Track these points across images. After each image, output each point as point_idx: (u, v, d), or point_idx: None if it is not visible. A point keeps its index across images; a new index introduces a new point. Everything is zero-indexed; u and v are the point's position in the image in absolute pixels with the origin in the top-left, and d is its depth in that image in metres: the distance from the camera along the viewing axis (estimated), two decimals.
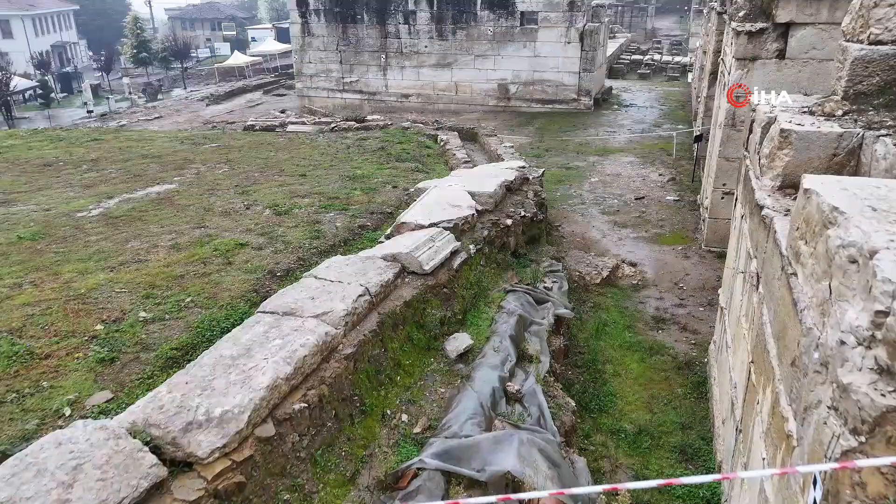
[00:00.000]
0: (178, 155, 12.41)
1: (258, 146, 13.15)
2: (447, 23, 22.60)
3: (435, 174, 10.97)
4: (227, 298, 5.85)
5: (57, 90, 50.45)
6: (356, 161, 11.51)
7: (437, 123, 15.56)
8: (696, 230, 10.71)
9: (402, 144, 12.87)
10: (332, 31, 24.01)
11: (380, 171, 10.74)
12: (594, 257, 9.41)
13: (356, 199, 8.98)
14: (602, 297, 8.45)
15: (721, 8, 13.82)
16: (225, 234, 7.54)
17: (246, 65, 49.77)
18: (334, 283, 5.16)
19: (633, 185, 13.44)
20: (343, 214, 8.24)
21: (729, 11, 9.68)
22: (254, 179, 10.29)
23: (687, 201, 12.22)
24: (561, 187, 13.22)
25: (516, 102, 22.78)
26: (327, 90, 24.92)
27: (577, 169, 14.92)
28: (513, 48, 22.21)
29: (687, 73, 35.65)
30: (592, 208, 11.94)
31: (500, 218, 7.39)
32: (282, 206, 8.59)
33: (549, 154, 16.45)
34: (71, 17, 75.95)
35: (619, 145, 17.40)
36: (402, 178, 10.19)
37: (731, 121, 9.11)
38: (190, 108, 30.88)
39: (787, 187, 4.65)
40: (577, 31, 21.40)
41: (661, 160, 15.62)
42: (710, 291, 8.57)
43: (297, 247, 7.09)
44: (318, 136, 14.38)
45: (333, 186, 9.63)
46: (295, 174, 10.60)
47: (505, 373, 5.22)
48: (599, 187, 13.27)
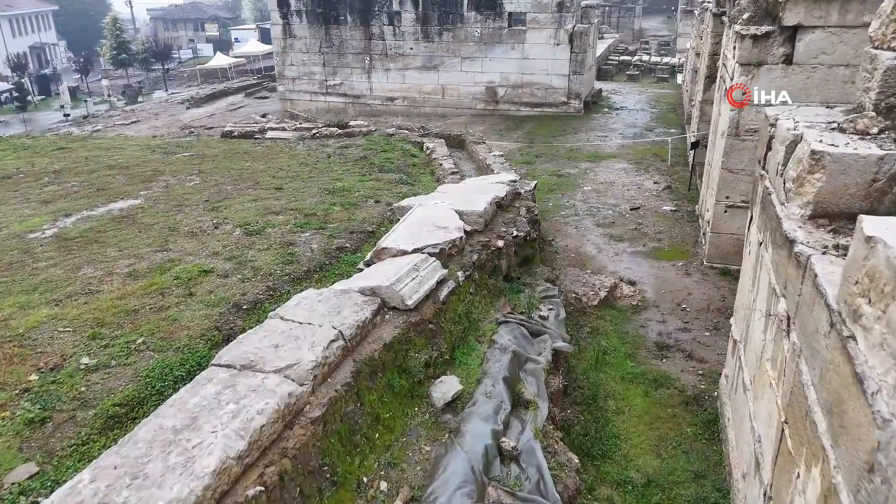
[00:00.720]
0: (148, 165, 11.69)
1: (234, 155, 12.45)
2: (433, 24, 21.98)
3: (420, 186, 10.35)
4: (184, 339, 5.19)
5: (34, 93, 49.26)
6: (337, 172, 10.86)
7: (422, 129, 14.93)
8: (697, 244, 10.16)
9: (385, 153, 12.23)
10: (315, 33, 23.30)
11: (361, 183, 10.09)
12: (591, 275, 8.82)
13: (335, 215, 8.33)
14: (600, 321, 7.86)
15: (717, 9, 13.31)
16: (189, 258, 6.87)
17: (229, 66, 48.81)
18: (303, 325, 4.51)
19: (628, 194, 12.88)
20: (320, 234, 7.59)
21: (731, 14, 9.14)
22: (226, 193, 9.60)
23: (684, 211, 11.68)
24: (553, 197, 12.64)
25: (505, 106, 22.20)
26: (310, 93, 24.20)
27: (568, 177, 14.35)
28: (501, 50, 21.63)
29: (676, 75, 35.35)
30: (587, 220, 11.37)
31: (491, 239, 6.78)
32: (253, 224, 7.93)
33: (539, 160, 15.88)
34: (50, 18, 74.47)
35: (611, 151, 16.86)
36: (385, 192, 9.55)
37: (735, 130, 8.56)
38: (169, 112, 30.02)
39: (819, 217, 4.07)
40: (567, 33, 20.85)
41: (655, 167, 15.10)
42: (714, 313, 8.01)
43: (268, 274, 6.43)
44: (298, 144, 13.71)
45: (311, 201, 8.98)
46: (270, 187, 9.93)
47: (499, 425, 4.60)
48: (593, 197, 12.71)
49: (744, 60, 8.26)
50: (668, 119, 20.83)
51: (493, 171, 10.34)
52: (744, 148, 8.62)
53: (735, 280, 8.91)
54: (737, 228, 9.02)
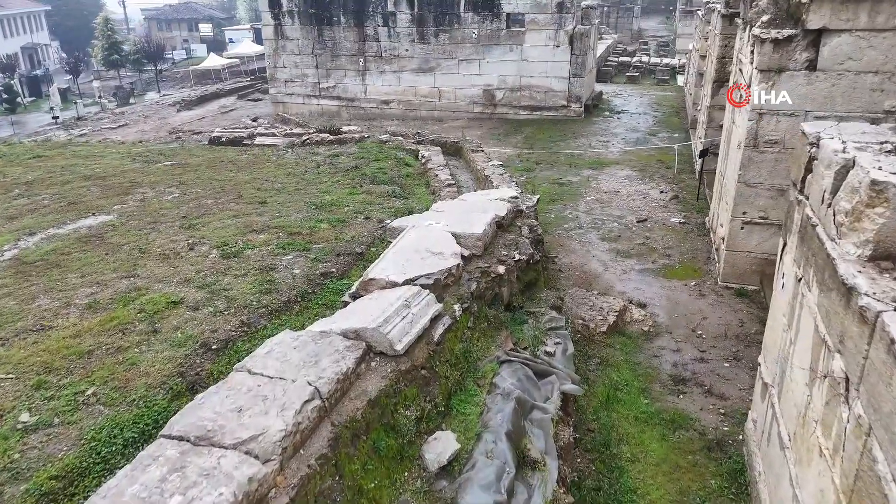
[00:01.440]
0: (126, 176, 11.03)
1: (218, 164, 11.80)
2: (429, 25, 21.34)
3: (414, 199, 9.71)
4: (141, 388, 4.54)
5: (24, 94, 48.45)
6: (326, 183, 10.22)
7: (417, 136, 14.29)
8: (709, 260, 9.54)
9: (378, 162, 11.59)
10: (308, 34, 22.64)
11: (352, 196, 9.46)
12: (598, 297, 8.19)
13: (321, 234, 7.69)
14: (610, 350, 7.23)
15: (727, 10, 12.70)
16: (157, 286, 6.22)
17: (222, 67, 48.08)
18: (274, 380, 3.87)
19: (634, 204, 12.26)
20: (304, 257, 6.94)
21: (747, 15, 8.53)
22: (206, 208, 8.95)
23: (694, 224, 11.06)
24: (555, 208, 12.01)
25: (503, 109, 21.57)
26: (303, 96, 23.53)
27: (570, 185, 13.73)
28: (499, 52, 21.00)
29: (676, 76, 34.82)
30: (591, 233, 10.74)
31: (491, 265, 6.15)
32: (232, 245, 7.28)
33: (539, 168, 15.25)
34: (42, 18, 73.62)
35: (614, 157, 16.25)
36: (376, 207, 8.91)
37: (754, 141, 7.94)
38: (159, 115, 29.32)
39: (881, 258, 3.45)
40: (567, 34, 20.23)
41: (660, 174, 14.48)
42: (733, 340, 7.39)
43: (243, 305, 5.79)
44: (287, 152, 13.06)
45: (296, 217, 8.33)
46: (254, 201, 9.28)
47: (502, 494, 3.97)
48: (597, 207, 12.08)
49: (763, 66, 7.64)
50: (671, 123, 20.22)
51: (492, 182, 9.70)
52: (763, 160, 8.01)
53: (753, 302, 8.30)
54: (754, 246, 8.40)
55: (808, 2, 7.30)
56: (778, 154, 7.92)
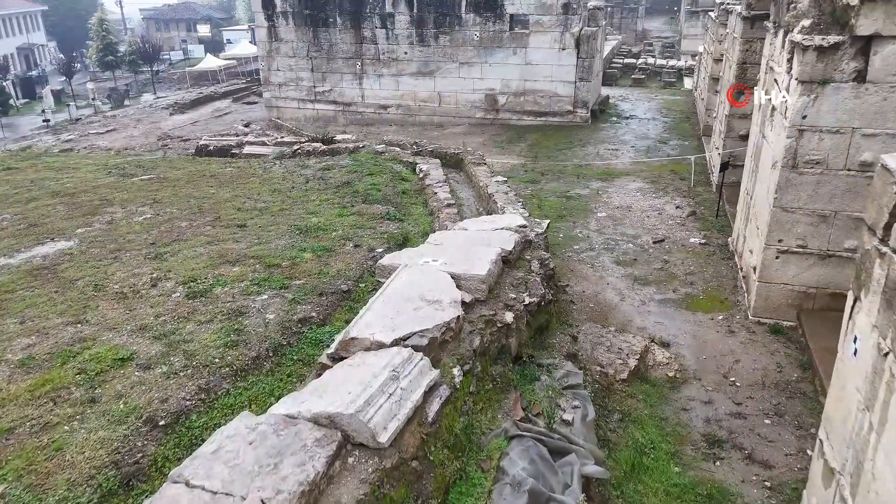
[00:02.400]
0: (98, 192, 10.15)
1: (198, 179, 10.91)
2: (429, 27, 20.44)
3: (411, 221, 8.81)
4: (63, 485, 3.65)
5: (18, 96, 47.61)
6: (313, 202, 9.33)
7: (415, 146, 13.40)
8: (736, 289, 8.64)
9: (372, 177, 10.69)
10: (303, 36, 21.75)
11: (341, 218, 8.56)
12: (615, 335, 7.29)
13: (304, 266, 6.80)
14: (632, 401, 6.33)
15: (748, 12, 11.80)
16: (107, 335, 5.33)
17: (219, 68, 47.19)
18: (217, 497, 2.98)
19: (649, 221, 11.35)
20: (281, 297, 6.05)
21: (783, 19, 7.62)
22: (178, 232, 8.06)
23: (716, 246, 10.15)
24: (563, 225, 11.10)
25: (506, 115, 20.67)
26: (297, 100, 22.64)
27: (579, 199, 12.82)
28: (501, 55, 20.10)
29: (683, 78, 33.97)
30: (604, 256, 9.83)
31: (497, 312, 5.25)
32: (201, 280, 6.39)
33: (545, 179, 14.34)
34: (39, 18, 72.78)
35: (623, 167, 15.34)
36: (367, 231, 8.02)
37: (793, 161, 7.03)
38: (151, 118, 28.43)
39: None
40: (573, 37, 19.33)
41: (674, 187, 13.58)
42: (772, 390, 6.49)
43: (203, 364, 4.89)
44: (275, 164, 12.17)
45: (277, 245, 7.44)
46: (233, 223, 8.39)
47: None
48: (609, 225, 11.17)
49: (805, 77, 6.74)
50: (682, 130, 19.30)
51: (496, 202, 8.79)
52: (802, 182, 7.10)
53: (790, 341, 7.39)
54: (791, 277, 7.49)
55: (857, 4, 6.39)
56: (820, 176, 7.02)
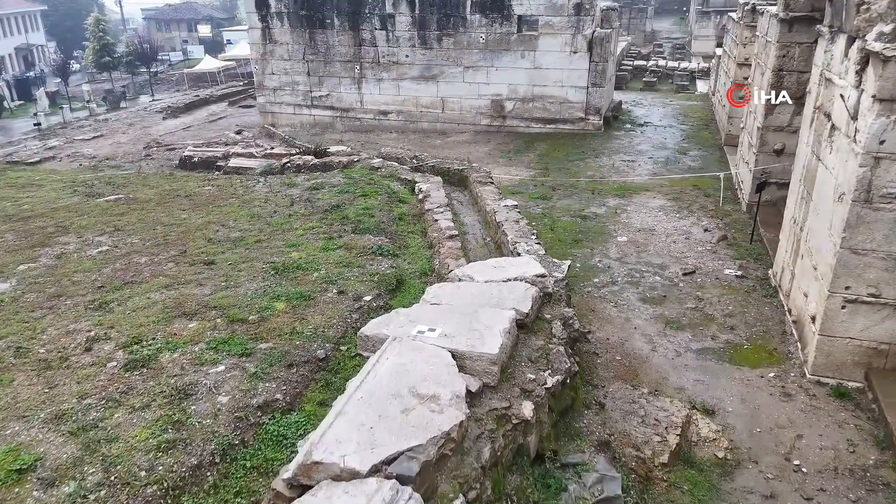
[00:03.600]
0: (56, 217, 8.99)
1: (171, 200, 9.75)
2: (431, 28, 19.24)
3: (407, 256, 7.62)
4: None
5: (13, 97, 46.58)
6: (296, 231, 8.15)
7: (416, 161, 12.21)
8: (785, 336, 7.42)
9: (365, 198, 9.51)
10: (298, 38, 20.58)
11: (326, 252, 7.38)
12: (649, 400, 6.09)
13: (274, 322, 5.62)
14: (676, 493, 5.12)
15: (786, 13, 10.57)
16: (13, 426, 4.17)
17: (218, 70, 46.06)
18: None
19: (675, 247, 10.14)
20: (240, 369, 4.86)
21: (848, 23, 6.39)
22: (134, 272, 6.89)
23: (755, 279, 8.94)
24: (580, 253, 9.89)
25: (513, 122, 19.47)
26: (293, 105, 21.47)
27: (595, 219, 11.62)
28: (509, 58, 18.90)
29: (695, 81, 32.79)
30: (629, 291, 8.63)
31: (512, 404, 4.06)
32: (146, 343, 5.22)
33: (556, 195, 13.13)
34: (38, 18, 71.78)
35: (642, 181, 14.12)
36: (355, 271, 6.83)
37: (866, 194, 5.82)
38: (144, 123, 27.30)
39: None
40: (585, 39, 18.11)
41: (699, 205, 12.35)
42: (848, 479, 5.28)
43: (125, 479, 3.72)
44: (260, 181, 11.00)
45: (247, 290, 6.26)
46: (199, 259, 7.22)
47: None
48: (631, 253, 9.96)
49: (885, 94, 5.53)
50: (701, 139, 18.06)
51: (506, 233, 7.59)
52: (878, 220, 5.88)
53: (860, 409, 6.14)
54: (859, 331, 6.27)
55: None
56: None
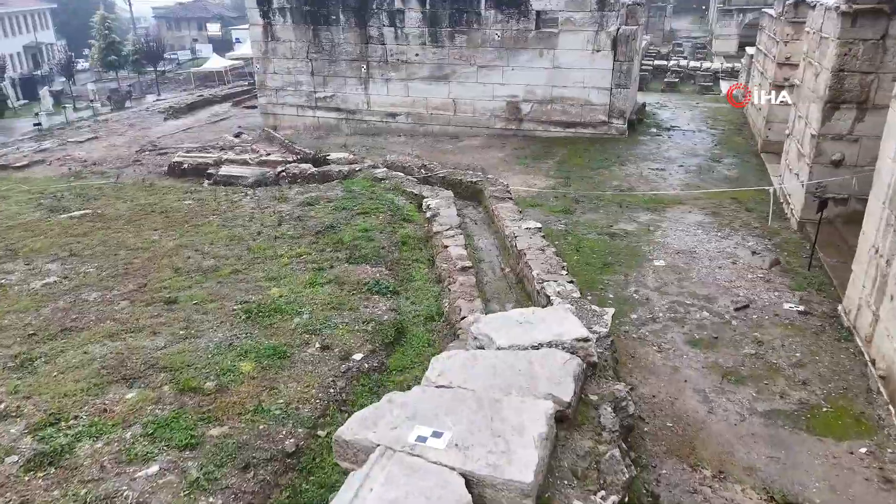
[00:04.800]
0: (8, 237, 7.80)
1: (144, 216, 8.55)
2: (443, 25, 17.97)
3: (410, 294, 6.34)
4: None
5: (18, 96, 45.83)
6: (281, 259, 6.90)
7: (424, 170, 10.94)
8: (870, 395, 6.08)
9: (365, 216, 8.25)
10: (302, 35, 19.38)
11: (312, 288, 6.12)
12: (714, 488, 4.79)
13: (236, 392, 4.36)
14: None
15: (848, 6, 9.20)
16: None
17: (225, 69, 45.06)
18: None
19: (722, 274, 8.80)
20: (179, 472, 3.61)
21: None
22: (78, 313, 5.67)
23: (821, 315, 7.60)
24: (612, 280, 8.58)
25: (530, 125, 18.15)
26: (296, 107, 20.28)
27: (626, 237, 10.29)
28: (526, 57, 17.58)
29: (719, 82, 31.32)
30: (673, 331, 7.31)
31: None
32: (65, 424, 4.00)
33: (580, 209, 11.81)
34: (47, 16, 71.31)
35: (675, 192, 12.77)
36: (346, 316, 5.56)
37: None
38: (144, 124, 26.20)
39: None
40: (609, 36, 16.76)
41: (741, 221, 11.00)
42: None
43: None
44: (248, 194, 9.77)
45: (210, 342, 5.02)
46: (160, 296, 5.99)
47: None
48: (671, 281, 8.63)
49: None
50: (734, 145, 16.66)
51: (531, 268, 6.29)
52: None
53: None
54: None
55: None
56: None
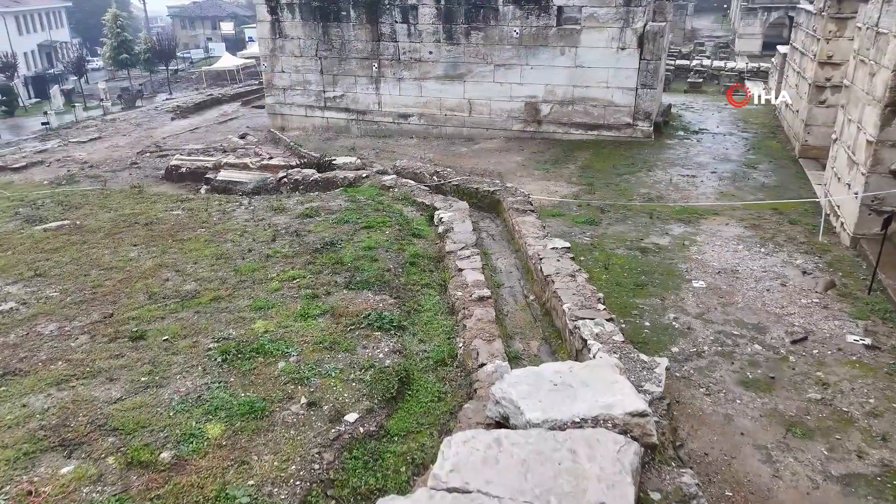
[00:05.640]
0: None
1: (125, 229, 7.71)
2: (458, 21, 17.07)
3: (419, 324, 5.43)
4: None
5: (30, 95, 45.55)
6: (271, 283, 6.02)
7: (437, 177, 10.02)
8: None
9: (370, 231, 7.35)
10: (310, 32, 18.57)
11: (304, 321, 5.23)
12: None
13: (196, 468, 3.50)
14: None
15: None
16: None
17: (237, 68, 44.50)
18: None
19: (771, 299, 7.80)
20: None
21: None
22: (29, 349, 4.83)
23: (890, 349, 6.59)
24: (647, 304, 7.62)
25: (549, 127, 17.18)
26: (304, 107, 19.46)
27: (659, 253, 9.32)
28: (546, 55, 16.63)
29: (744, 82, 30.16)
30: (721, 368, 6.34)
31: None
32: None
33: (606, 219, 10.85)
34: (62, 15, 71.22)
35: (708, 202, 11.76)
36: (341, 359, 4.66)
37: None
38: (151, 123, 25.58)
39: None
40: (636, 33, 15.76)
41: (785, 235, 9.98)
42: None
43: None
44: (242, 203, 8.91)
45: (174, 393, 4.14)
46: (127, 330, 5.12)
47: None
48: (715, 306, 7.65)
49: None
50: (769, 149, 15.59)
51: (560, 299, 5.35)
52: None
53: None
54: None
55: None
56: None
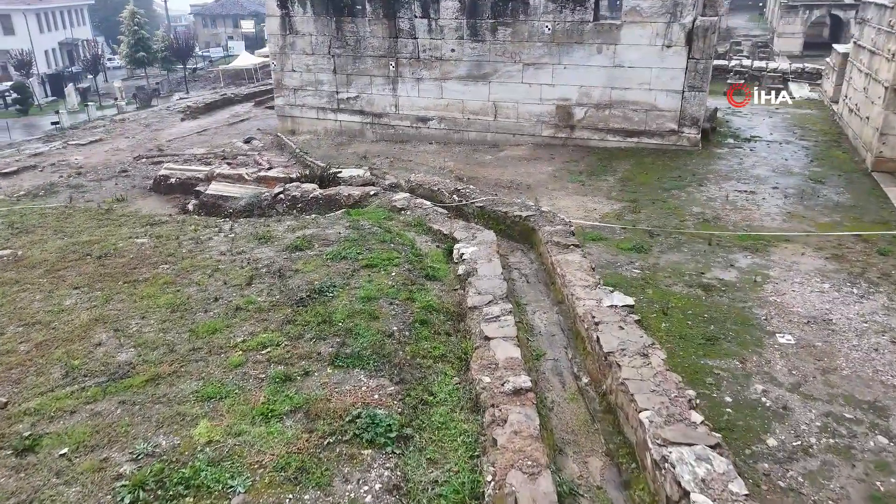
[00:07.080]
0: None
1: (74, 263, 6.26)
2: (484, 16, 15.47)
3: (425, 439, 3.90)
4: None
5: (46, 93, 44.98)
6: (233, 353, 4.49)
7: (457, 196, 8.45)
8: None
9: (371, 272, 5.80)
10: (323, 28, 17.12)
11: (265, 427, 3.69)
12: None
13: None
14: None
15: None
16: None
17: (254, 67, 43.41)
18: None
19: (883, 363, 6.09)
20: None
21: None
22: None
23: None
24: (722, 368, 5.97)
25: (583, 133, 15.51)
26: (316, 109, 18.02)
27: (726, 293, 7.65)
28: (581, 54, 14.96)
29: (787, 83, 28.09)
30: (840, 475, 4.67)
31: None
32: None
33: (657, 245, 9.19)
34: (84, 13, 71.03)
35: (776, 224, 10.03)
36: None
37: None
38: (159, 125, 24.38)
39: None
40: (684, 29, 14.03)
41: (878, 269, 8.25)
42: None
43: None
44: (222, 230, 7.42)
45: None
46: (14, 434, 3.64)
47: None
48: (811, 372, 5.97)
49: None
50: (834, 160, 13.76)
51: (632, 396, 3.67)
52: None
53: None
54: None
55: None
56: None
